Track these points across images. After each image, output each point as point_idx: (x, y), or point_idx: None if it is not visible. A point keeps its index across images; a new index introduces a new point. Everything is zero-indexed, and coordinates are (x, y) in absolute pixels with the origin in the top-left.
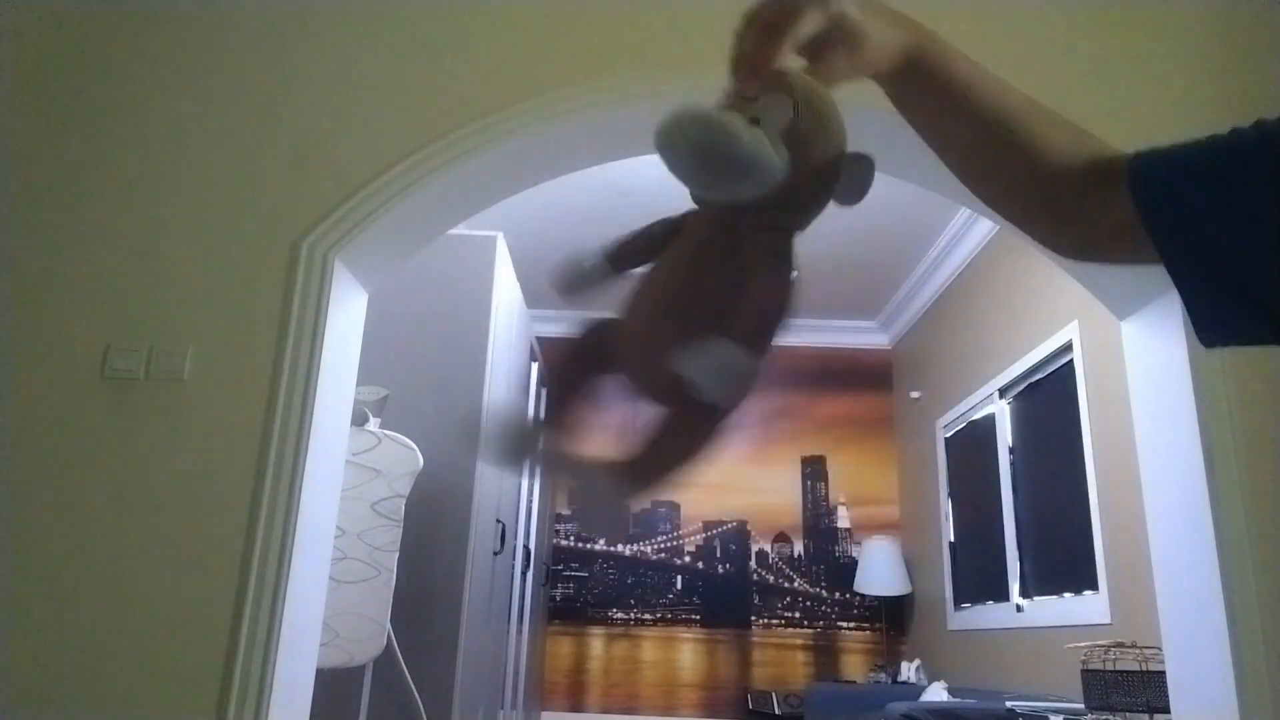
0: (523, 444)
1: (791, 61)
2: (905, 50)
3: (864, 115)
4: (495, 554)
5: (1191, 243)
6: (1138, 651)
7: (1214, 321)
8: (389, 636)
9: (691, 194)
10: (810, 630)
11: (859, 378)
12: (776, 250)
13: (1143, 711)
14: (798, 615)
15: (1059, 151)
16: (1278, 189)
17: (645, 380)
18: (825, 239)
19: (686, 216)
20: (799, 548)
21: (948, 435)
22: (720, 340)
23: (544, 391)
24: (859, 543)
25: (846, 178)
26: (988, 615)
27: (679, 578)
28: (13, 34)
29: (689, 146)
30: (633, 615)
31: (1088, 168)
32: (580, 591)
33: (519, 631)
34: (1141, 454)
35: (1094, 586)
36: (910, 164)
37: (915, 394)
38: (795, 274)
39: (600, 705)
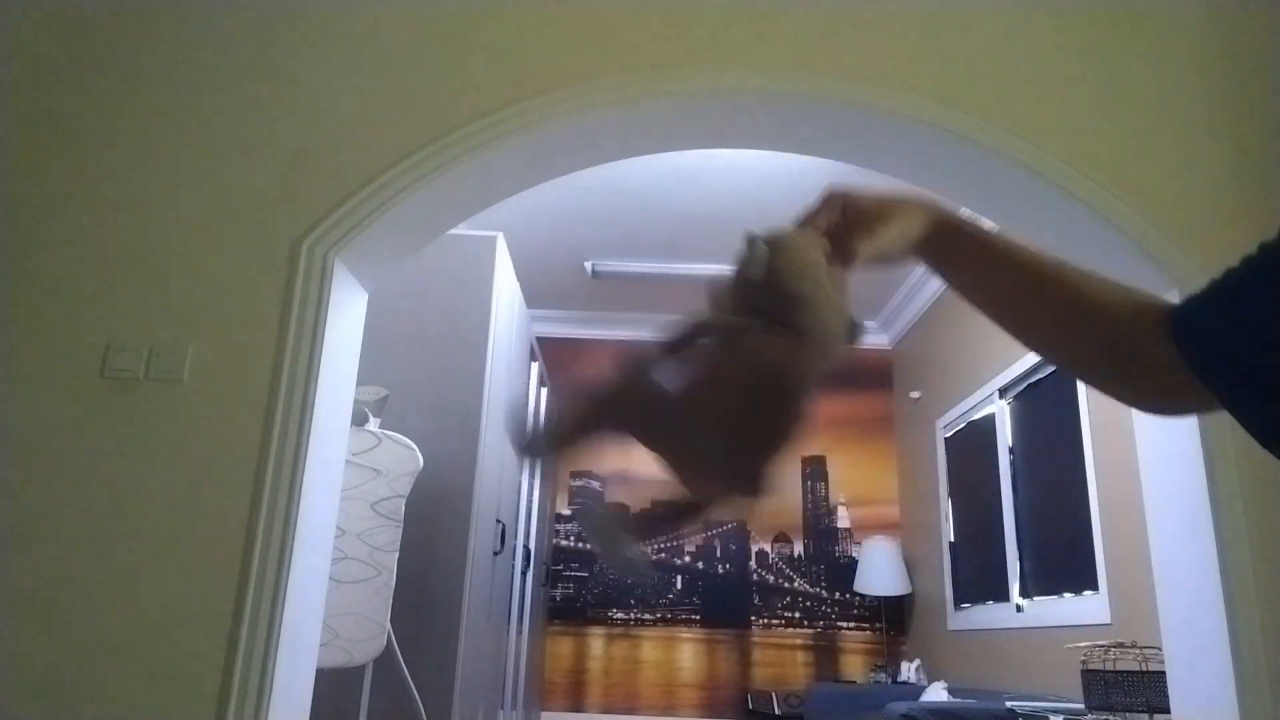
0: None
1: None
2: (926, 224)
3: (864, 116)
4: (495, 554)
5: (1244, 382)
6: (1138, 651)
7: None
8: (389, 636)
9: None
10: (810, 630)
11: (859, 378)
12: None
13: (1143, 711)
14: (798, 615)
15: (1102, 299)
16: None
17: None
18: None
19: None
20: (799, 548)
21: (948, 435)
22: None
23: (544, 391)
24: (859, 543)
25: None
26: (988, 615)
27: (679, 578)
28: (13, 34)
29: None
30: (633, 615)
31: (1135, 317)
32: (580, 591)
33: (519, 631)
34: (1141, 454)
35: (1094, 586)
36: (911, 165)
37: (915, 394)
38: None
39: (600, 705)
